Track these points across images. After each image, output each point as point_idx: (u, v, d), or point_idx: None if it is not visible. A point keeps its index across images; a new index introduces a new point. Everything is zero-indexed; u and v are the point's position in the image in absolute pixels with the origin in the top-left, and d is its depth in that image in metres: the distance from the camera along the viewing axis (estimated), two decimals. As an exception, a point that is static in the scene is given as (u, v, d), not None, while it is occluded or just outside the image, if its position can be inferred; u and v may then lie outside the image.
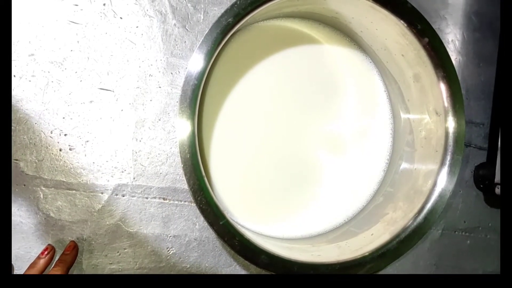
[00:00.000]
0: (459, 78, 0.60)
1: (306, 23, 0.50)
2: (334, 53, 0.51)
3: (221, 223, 0.39)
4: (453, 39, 0.60)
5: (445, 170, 0.45)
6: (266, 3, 0.38)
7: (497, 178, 0.57)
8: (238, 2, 0.38)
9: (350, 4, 0.43)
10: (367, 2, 0.42)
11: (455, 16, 0.60)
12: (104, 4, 0.48)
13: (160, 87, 0.50)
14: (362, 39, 0.50)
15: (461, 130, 0.44)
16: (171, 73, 0.50)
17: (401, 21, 0.43)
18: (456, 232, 0.61)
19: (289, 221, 0.50)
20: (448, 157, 0.44)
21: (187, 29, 0.50)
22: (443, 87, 0.44)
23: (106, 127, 0.49)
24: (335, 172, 0.52)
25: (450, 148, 0.44)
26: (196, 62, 0.38)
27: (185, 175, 0.38)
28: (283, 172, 0.50)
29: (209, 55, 0.38)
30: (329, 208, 0.51)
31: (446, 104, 0.44)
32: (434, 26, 0.60)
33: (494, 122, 0.60)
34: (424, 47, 0.44)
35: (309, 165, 0.51)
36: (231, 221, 0.39)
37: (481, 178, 0.60)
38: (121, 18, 0.49)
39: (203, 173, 0.38)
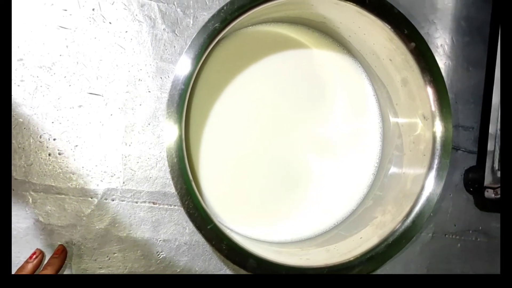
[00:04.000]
0: (448, 82, 0.61)
1: (294, 27, 0.50)
2: (323, 58, 0.51)
3: (208, 227, 0.39)
4: (442, 43, 0.61)
5: (432, 174, 0.45)
6: (252, 9, 0.39)
7: (487, 182, 0.57)
8: (225, 8, 0.38)
9: (338, 9, 0.43)
10: (354, 7, 0.42)
11: (444, 21, 0.61)
12: (93, 9, 0.48)
13: (149, 91, 0.50)
14: (350, 43, 0.51)
15: (448, 134, 0.44)
16: (161, 78, 0.50)
17: (388, 26, 0.43)
18: (447, 236, 0.61)
19: (279, 224, 0.50)
20: (436, 161, 0.45)
21: (176, 34, 0.51)
22: (430, 91, 0.44)
23: (96, 132, 0.49)
24: (325, 175, 0.52)
25: (437, 152, 0.45)
26: (183, 67, 0.38)
27: (173, 179, 0.38)
28: (272, 176, 0.50)
29: (196, 60, 0.38)
30: (318, 211, 0.51)
31: (433, 108, 0.45)
32: (423, 31, 0.61)
33: (483, 126, 0.60)
34: (411, 51, 0.44)
35: (299, 169, 0.51)
36: (219, 225, 0.39)
37: (471, 182, 0.60)
38: (110, 23, 0.49)
39: (191, 177, 0.38)
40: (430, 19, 0.60)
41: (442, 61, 0.61)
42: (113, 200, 0.49)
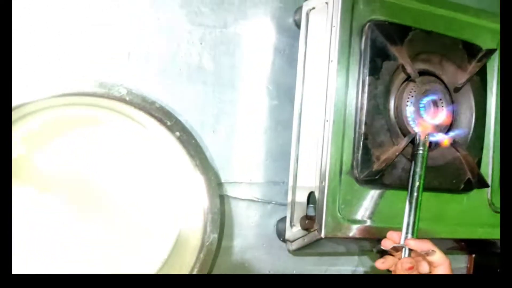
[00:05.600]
0: (260, 141, 0.67)
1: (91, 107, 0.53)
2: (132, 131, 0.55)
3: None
4: (254, 108, 0.66)
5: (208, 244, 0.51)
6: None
7: (287, 235, 0.64)
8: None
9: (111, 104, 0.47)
10: (120, 104, 0.46)
11: (253, 87, 0.67)
12: None
13: None
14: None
15: (215, 206, 0.50)
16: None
17: (152, 118, 0.48)
18: (262, 281, 0.67)
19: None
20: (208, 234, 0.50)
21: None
22: (197, 174, 0.50)
23: None
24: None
25: (208, 227, 0.50)
26: None
27: None
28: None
29: None
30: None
31: (202, 188, 0.50)
32: (232, 97, 0.66)
33: (294, 180, 0.66)
34: (178, 139, 0.49)
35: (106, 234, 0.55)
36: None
37: (280, 232, 0.66)
38: None
39: None
40: (237, 86, 0.66)
41: (253, 123, 0.67)
42: None
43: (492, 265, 0.80)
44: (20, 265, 0.49)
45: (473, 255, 0.79)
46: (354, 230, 0.57)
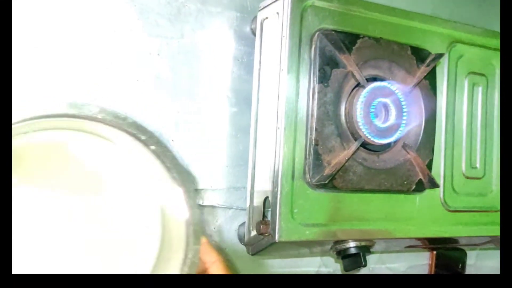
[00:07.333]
0: (223, 149, 0.69)
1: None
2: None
3: None
4: (210, 117, 0.68)
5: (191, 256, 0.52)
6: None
7: (246, 239, 0.65)
8: None
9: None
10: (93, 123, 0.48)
11: (212, 95, 0.68)
12: None
13: None
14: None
15: (197, 221, 0.51)
16: None
17: (125, 134, 0.49)
18: (226, 284, 0.69)
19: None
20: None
21: None
22: (176, 186, 0.51)
23: None
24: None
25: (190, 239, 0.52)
26: None
27: None
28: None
29: None
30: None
31: (181, 199, 0.51)
32: (192, 106, 0.68)
33: (252, 185, 0.68)
34: (153, 153, 0.50)
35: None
36: None
37: (242, 236, 0.68)
38: None
39: None
40: (196, 94, 0.67)
41: (213, 130, 0.68)
42: None
43: (454, 260, 0.83)
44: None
45: (435, 252, 0.82)
46: (308, 234, 0.59)
